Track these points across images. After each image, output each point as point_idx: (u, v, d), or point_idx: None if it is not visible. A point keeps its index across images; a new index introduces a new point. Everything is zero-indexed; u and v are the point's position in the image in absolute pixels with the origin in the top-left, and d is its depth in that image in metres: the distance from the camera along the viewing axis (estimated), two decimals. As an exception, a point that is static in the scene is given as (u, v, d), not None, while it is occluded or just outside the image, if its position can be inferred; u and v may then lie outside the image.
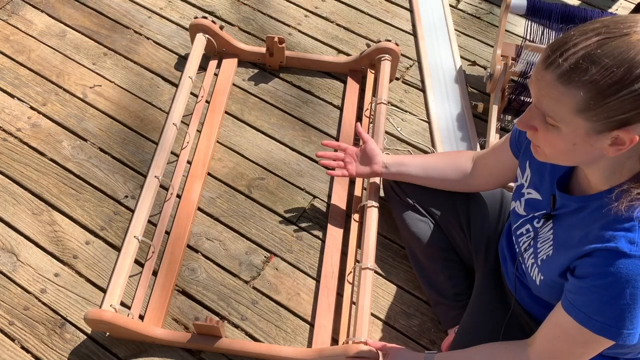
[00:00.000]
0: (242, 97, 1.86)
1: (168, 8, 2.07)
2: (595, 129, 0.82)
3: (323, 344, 1.38)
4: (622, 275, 0.88)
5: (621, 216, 0.88)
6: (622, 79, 0.77)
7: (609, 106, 0.79)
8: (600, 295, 0.91)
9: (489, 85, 1.84)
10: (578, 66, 0.79)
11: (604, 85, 0.78)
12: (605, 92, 0.78)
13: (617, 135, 0.82)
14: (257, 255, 1.54)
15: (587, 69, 0.78)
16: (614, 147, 0.83)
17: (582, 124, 0.82)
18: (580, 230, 0.96)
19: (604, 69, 0.78)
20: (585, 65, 0.78)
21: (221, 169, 1.69)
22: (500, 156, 1.26)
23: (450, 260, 1.41)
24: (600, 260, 0.90)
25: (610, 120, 0.80)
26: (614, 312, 0.90)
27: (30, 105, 1.79)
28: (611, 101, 0.79)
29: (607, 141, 0.83)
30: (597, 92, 0.79)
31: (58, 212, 1.58)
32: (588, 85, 0.79)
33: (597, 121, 0.81)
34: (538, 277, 1.07)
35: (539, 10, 1.76)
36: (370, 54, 1.83)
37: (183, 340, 1.34)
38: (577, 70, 0.79)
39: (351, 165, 1.49)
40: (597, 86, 0.78)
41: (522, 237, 1.14)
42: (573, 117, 0.82)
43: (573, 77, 0.80)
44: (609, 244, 0.89)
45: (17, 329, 1.39)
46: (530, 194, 1.12)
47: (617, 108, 0.79)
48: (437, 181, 1.39)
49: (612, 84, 0.78)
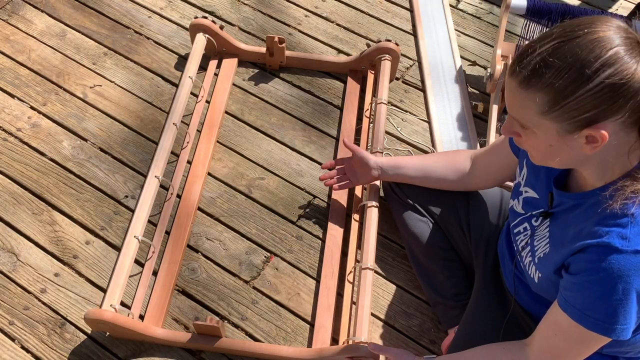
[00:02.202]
0: (242, 97, 1.86)
1: (168, 8, 2.07)
2: (564, 128, 0.85)
3: (323, 344, 1.38)
4: (614, 270, 0.88)
5: (615, 212, 0.89)
6: (576, 80, 0.80)
7: (570, 106, 0.82)
8: (592, 291, 0.91)
9: (489, 85, 1.84)
10: (534, 72, 0.83)
11: (559, 87, 0.81)
12: (561, 93, 0.82)
13: (588, 134, 0.84)
14: (257, 255, 1.54)
15: (542, 74, 0.82)
16: (589, 145, 0.86)
17: (550, 125, 0.86)
18: (574, 227, 0.97)
19: (557, 72, 0.81)
20: (541, 70, 0.82)
21: (221, 169, 1.69)
22: (499, 154, 1.26)
23: (449, 260, 1.41)
24: (593, 256, 0.91)
25: (576, 119, 0.83)
26: (606, 307, 0.90)
27: (30, 105, 1.79)
28: (569, 102, 0.82)
29: (581, 140, 0.85)
30: (554, 94, 0.82)
31: (58, 212, 1.58)
32: (545, 89, 0.83)
33: (564, 121, 0.84)
34: (536, 274, 1.07)
35: (539, 11, 1.76)
36: (371, 54, 1.83)
37: (183, 340, 1.34)
38: (534, 76, 0.83)
39: (353, 177, 1.51)
40: (553, 89, 0.82)
41: (519, 235, 1.14)
42: (540, 120, 0.86)
43: (531, 83, 0.84)
44: (601, 239, 0.90)
45: (17, 328, 1.39)
46: (527, 192, 1.12)
47: (578, 107, 0.82)
48: (436, 181, 1.40)
49: (567, 85, 0.81)
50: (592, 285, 0.91)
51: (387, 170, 1.44)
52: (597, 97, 0.80)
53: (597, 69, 0.79)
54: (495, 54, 1.81)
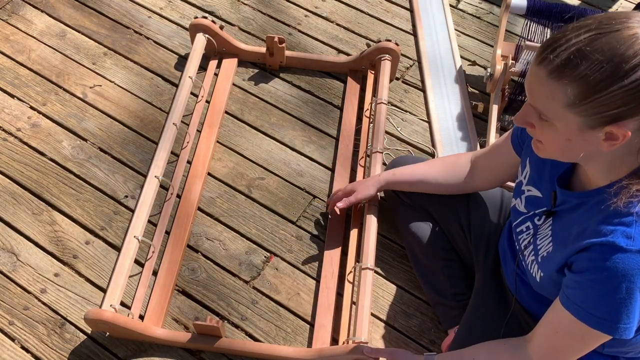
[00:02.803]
0: (242, 97, 1.86)
1: (168, 8, 2.07)
2: (587, 124, 0.83)
3: (323, 344, 1.38)
4: (619, 269, 0.88)
5: (620, 211, 0.89)
6: (612, 75, 0.78)
7: (600, 101, 0.80)
8: (596, 289, 0.91)
9: (489, 85, 1.84)
10: (569, 62, 0.80)
11: (594, 80, 0.79)
12: (595, 87, 0.79)
13: (610, 131, 0.83)
14: (257, 255, 1.54)
15: (578, 65, 0.79)
16: (607, 142, 0.84)
17: (574, 119, 0.83)
18: (578, 225, 0.96)
19: (593, 64, 0.78)
20: (576, 60, 0.79)
21: (221, 169, 1.69)
22: (501, 154, 1.26)
23: (450, 260, 1.41)
24: (597, 255, 0.90)
25: (602, 115, 0.81)
26: (610, 306, 0.90)
27: (30, 105, 1.79)
28: (601, 96, 0.79)
29: (601, 136, 0.84)
30: (587, 87, 0.80)
31: (58, 212, 1.58)
32: (578, 81, 0.80)
33: (589, 116, 0.82)
34: (538, 274, 1.07)
35: (539, 10, 1.76)
36: (371, 54, 1.83)
37: (183, 340, 1.34)
38: (567, 66, 0.80)
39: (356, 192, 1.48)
40: (587, 81, 0.79)
41: (522, 234, 1.14)
42: (565, 113, 0.83)
43: (564, 73, 0.81)
44: (605, 238, 0.89)
45: (17, 328, 1.39)
46: (530, 191, 1.12)
47: (608, 103, 0.80)
48: (437, 188, 1.38)
49: (602, 79, 0.78)
50: (596, 284, 0.91)
51: (386, 187, 1.46)
52: (630, 94, 0.78)
53: (634, 66, 0.77)
54: (495, 54, 1.81)
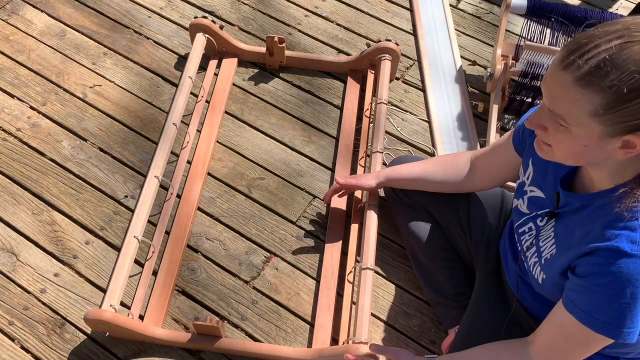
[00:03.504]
0: (242, 97, 1.86)
1: (168, 8, 2.07)
2: (608, 132, 0.82)
3: (323, 344, 1.38)
4: (623, 274, 0.88)
5: (624, 216, 0.88)
6: None
7: (627, 111, 0.78)
8: (600, 294, 0.91)
9: (489, 85, 1.84)
10: (598, 69, 0.78)
11: (624, 90, 0.77)
12: (624, 97, 0.77)
13: (628, 139, 0.82)
14: (257, 255, 1.54)
15: (608, 73, 0.77)
16: (624, 149, 0.83)
17: (595, 127, 0.82)
18: (581, 228, 0.96)
19: (624, 74, 0.76)
20: (606, 69, 0.77)
21: (221, 169, 1.69)
22: (501, 154, 1.25)
23: (450, 260, 1.41)
24: (602, 259, 0.90)
25: (626, 124, 0.80)
26: (614, 310, 0.90)
27: (30, 105, 1.79)
28: (630, 106, 0.78)
29: (617, 144, 0.83)
30: (616, 97, 0.78)
31: (58, 212, 1.58)
32: (607, 90, 0.78)
33: (612, 125, 0.81)
34: (540, 275, 1.07)
35: (539, 10, 1.76)
36: (371, 54, 1.83)
37: (183, 340, 1.34)
38: (597, 74, 0.78)
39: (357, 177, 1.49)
40: (617, 91, 0.77)
41: (524, 235, 1.14)
42: (587, 120, 0.81)
43: (592, 81, 0.78)
44: (610, 242, 0.89)
45: (17, 329, 1.39)
46: (532, 192, 1.11)
47: (634, 113, 0.78)
48: (436, 186, 1.38)
49: (632, 90, 0.77)
50: (600, 288, 0.91)
51: (386, 183, 1.45)
52: None
53: None
54: (495, 53, 1.81)
